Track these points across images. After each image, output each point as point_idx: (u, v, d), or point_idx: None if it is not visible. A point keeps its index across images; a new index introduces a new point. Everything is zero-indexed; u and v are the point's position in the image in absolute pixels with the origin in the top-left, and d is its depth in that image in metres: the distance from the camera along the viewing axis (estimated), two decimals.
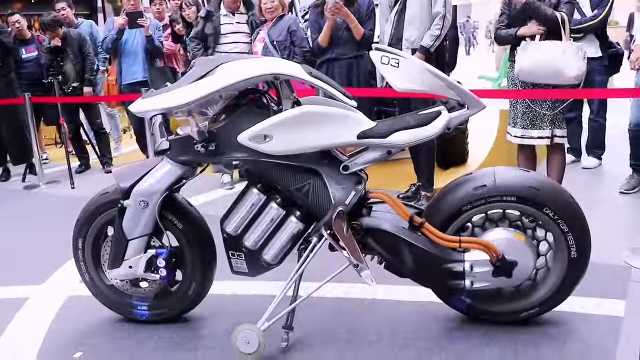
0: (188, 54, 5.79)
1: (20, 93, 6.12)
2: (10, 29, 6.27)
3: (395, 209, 2.38)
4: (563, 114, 3.79)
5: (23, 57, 6.40)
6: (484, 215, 2.41)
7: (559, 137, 3.80)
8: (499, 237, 2.37)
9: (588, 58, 3.68)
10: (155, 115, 2.36)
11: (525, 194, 2.32)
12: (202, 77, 2.27)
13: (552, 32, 3.65)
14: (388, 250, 2.37)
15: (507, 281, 2.36)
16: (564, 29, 3.61)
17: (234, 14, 5.15)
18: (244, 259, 2.44)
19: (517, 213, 2.39)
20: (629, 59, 4.72)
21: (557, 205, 2.32)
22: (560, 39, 3.61)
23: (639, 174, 4.45)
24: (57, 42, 6.01)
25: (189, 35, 5.50)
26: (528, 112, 3.78)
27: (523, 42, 3.70)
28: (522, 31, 3.77)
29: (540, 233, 2.43)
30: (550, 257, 2.45)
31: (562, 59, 3.55)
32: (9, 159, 6.54)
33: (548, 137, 3.77)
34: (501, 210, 2.40)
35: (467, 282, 2.33)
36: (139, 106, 2.38)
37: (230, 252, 2.46)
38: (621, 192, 4.41)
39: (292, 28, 4.88)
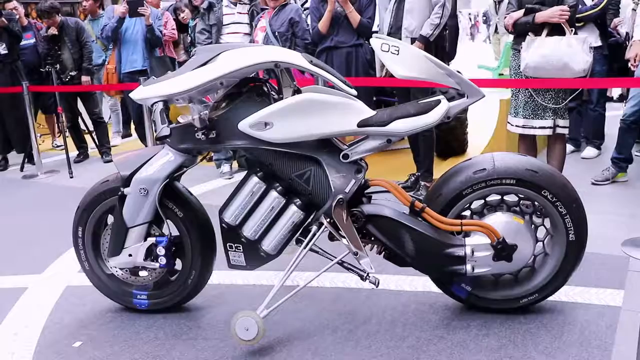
0: (189, 37, 5.76)
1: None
2: (17, 15, 6.23)
3: (396, 194, 2.39)
4: (565, 103, 3.78)
5: (21, 44, 6.37)
6: (482, 201, 2.43)
7: (561, 127, 3.78)
8: (499, 220, 2.38)
9: None
10: (156, 102, 2.36)
11: (524, 176, 2.33)
12: (203, 65, 2.28)
13: (555, 27, 3.62)
14: (389, 236, 2.37)
15: (507, 266, 2.37)
16: (567, 23, 3.59)
17: (235, 5, 5.14)
18: (241, 250, 2.44)
19: (516, 198, 2.40)
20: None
21: (555, 188, 2.33)
22: (563, 32, 3.59)
23: (616, 167, 4.43)
24: (53, 31, 5.98)
25: (194, 19, 5.49)
26: (530, 102, 3.76)
27: (528, 38, 3.65)
28: (542, 17, 3.62)
29: (537, 220, 2.45)
30: (548, 242, 2.47)
31: (568, 53, 3.52)
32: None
33: (550, 127, 3.75)
34: (499, 196, 2.41)
35: (468, 267, 2.33)
36: (139, 93, 2.38)
37: (227, 244, 2.45)
38: (593, 183, 4.40)
39: (294, 19, 4.85)
